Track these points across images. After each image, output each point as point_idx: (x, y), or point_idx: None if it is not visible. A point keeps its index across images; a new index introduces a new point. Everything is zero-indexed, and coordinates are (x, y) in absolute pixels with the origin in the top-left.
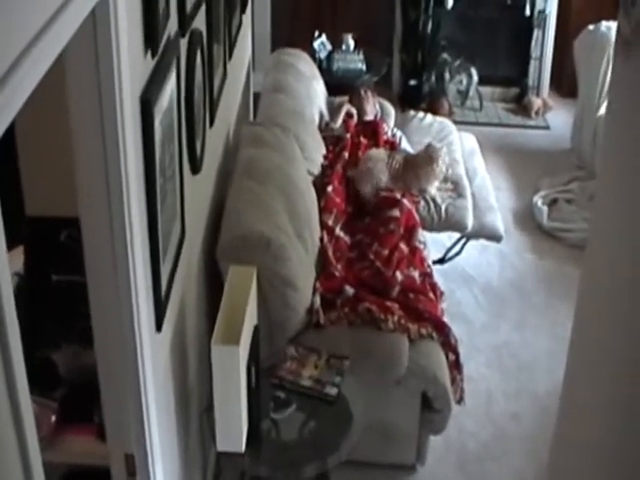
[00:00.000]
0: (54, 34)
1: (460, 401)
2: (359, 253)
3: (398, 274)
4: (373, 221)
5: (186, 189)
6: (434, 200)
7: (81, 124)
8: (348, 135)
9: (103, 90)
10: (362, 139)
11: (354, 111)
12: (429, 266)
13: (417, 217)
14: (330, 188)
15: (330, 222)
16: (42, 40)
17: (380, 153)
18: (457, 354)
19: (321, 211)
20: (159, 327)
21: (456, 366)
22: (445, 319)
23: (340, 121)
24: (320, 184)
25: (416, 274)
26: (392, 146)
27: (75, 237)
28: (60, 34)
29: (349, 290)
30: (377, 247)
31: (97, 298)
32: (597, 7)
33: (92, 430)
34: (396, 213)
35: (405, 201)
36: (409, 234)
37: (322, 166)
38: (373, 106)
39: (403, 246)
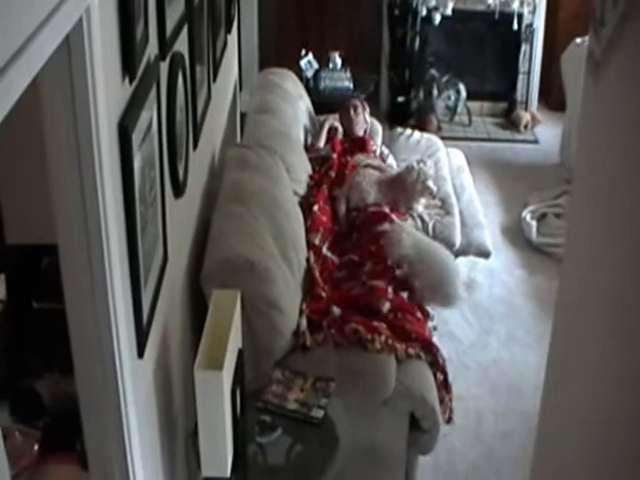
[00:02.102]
0: (26, 60)
1: (449, 421)
2: (348, 273)
3: (390, 290)
4: (362, 238)
5: (168, 213)
6: (421, 217)
7: (57, 151)
8: (335, 155)
9: (79, 117)
10: (349, 158)
11: (337, 125)
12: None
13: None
14: (316, 207)
15: (317, 242)
16: (13, 66)
17: (369, 169)
18: (445, 374)
19: (307, 231)
20: (141, 354)
21: (444, 386)
22: (433, 338)
23: (323, 140)
24: (306, 204)
25: (405, 294)
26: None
27: (57, 264)
28: (33, 60)
29: (336, 311)
30: (370, 266)
31: (76, 325)
32: (584, 21)
33: (75, 459)
34: (386, 227)
35: (394, 215)
36: None
37: (308, 186)
38: (363, 120)
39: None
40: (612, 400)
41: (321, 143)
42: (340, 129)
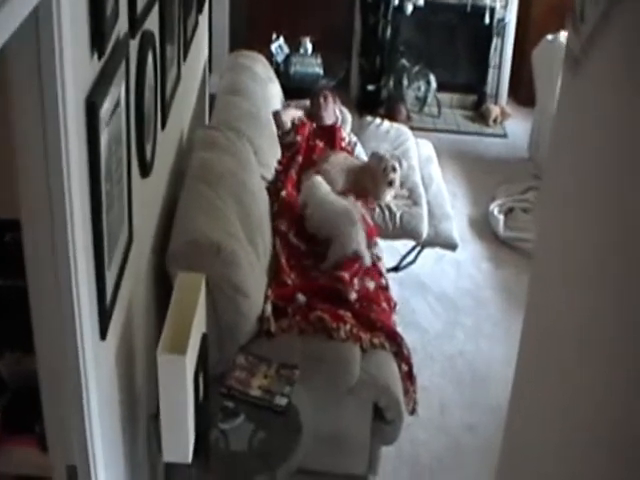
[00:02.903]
0: None
1: (413, 412)
2: (313, 261)
3: (355, 280)
4: None
5: (134, 193)
6: (389, 208)
7: (22, 126)
8: (299, 138)
9: (45, 91)
10: (318, 142)
11: (299, 114)
12: (385, 279)
13: (370, 221)
14: (284, 193)
15: (283, 228)
16: None
17: (339, 157)
18: (410, 365)
19: (274, 216)
20: (103, 335)
21: (409, 377)
22: (398, 329)
23: (288, 123)
24: (274, 189)
25: (372, 285)
26: (348, 153)
27: (20, 240)
28: None
29: (301, 298)
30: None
31: (38, 303)
32: (556, 17)
33: (34, 441)
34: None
35: (358, 204)
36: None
37: (276, 171)
38: (333, 112)
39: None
40: (584, 394)
41: (286, 126)
42: (305, 121)
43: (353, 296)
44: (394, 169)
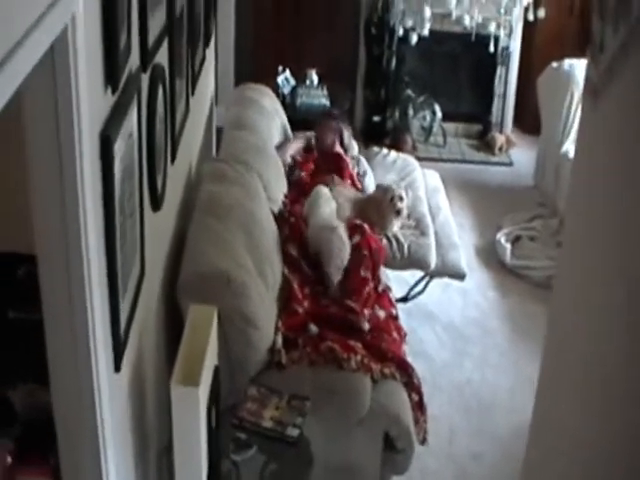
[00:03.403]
0: (12, 69)
1: (424, 442)
2: (323, 288)
3: (366, 311)
4: None
5: (146, 226)
6: (397, 238)
7: (38, 160)
8: (303, 174)
9: (61, 126)
10: (324, 176)
11: (299, 145)
12: (395, 308)
13: (379, 241)
14: (293, 219)
15: (294, 253)
16: None
17: (344, 189)
18: (421, 394)
19: (284, 241)
20: (118, 367)
21: (419, 407)
22: (408, 359)
23: (288, 159)
24: (281, 218)
25: (382, 314)
26: (353, 180)
27: (34, 274)
28: (18, 70)
29: (313, 328)
30: (344, 283)
31: (54, 337)
32: (560, 45)
33: (47, 472)
34: (357, 239)
35: (365, 225)
36: (374, 263)
37: (283, 204)
38: (337, 132)
39: (370, 284)
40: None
41: (286, 159)
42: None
43: (366, 326)
44: (401, 198)
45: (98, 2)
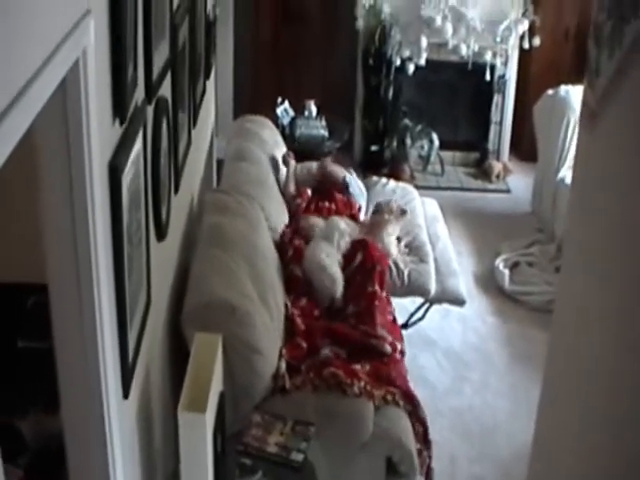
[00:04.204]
0: (25, 104)
1: (426, 478)
2: (329, 315)
3: (385, 333)
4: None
5: (152, 255)
6: (397, 265)
7: (50, 191)
8: (298, 201)
9: (72, 157)
10: (326, 204)
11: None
12: (401, 334)
13: (380, 249)
14: (297, 242)
15: (299, 273)
16: (14, 110)
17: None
18: (426, 428)
19: (288, 263)
20: (126, 394)
21: (424, 440)
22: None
23: (292, 184)
24: (283, 242)
25: (389, 339)
26: (347, 205)
27: (42, 303)
28: (34, 101)
29: (326, 353)
30: (353, 308)
31: (64, 365)
32: (556, 72)
33: None
34: (359, 257)
35: (366, 238)
36: (381, 272)
37: (284, 233)
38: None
39: (382, 294)
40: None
41: (291, 187)
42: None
43: (388, 349)
44: (402, 211)
45: (107, 36)
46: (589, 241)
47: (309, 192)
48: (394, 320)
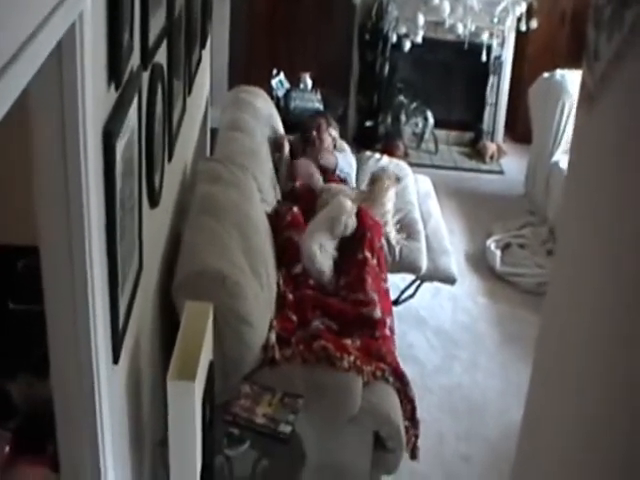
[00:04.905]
0: (23, 64)
1: (413, 456)
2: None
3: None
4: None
5: (144, 222)
6: (389, 241)
7: (43, 155)
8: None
9: (66, 120)
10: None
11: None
12: (391, 314)
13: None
14: (296, 210)
15: (297, 239)
16: (10, 70)
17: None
18: (414, 408)
19: (285, 228)
20: (116, 359)
21: (412, 419)
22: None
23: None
24: (278, 212)
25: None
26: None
27: (32, 266)
28: (29, 64)
29: (317, 325)
30: (344, 279)
31: (55, 328)
32: (552, 55)
33: (46, 461)
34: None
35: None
36: (372, 240)
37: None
38: (331, 141)
39: (372, 261)
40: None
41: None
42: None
43: (378, 313)
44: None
45: (104, 0)
46: (584, 224)
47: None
48: (386, 292)
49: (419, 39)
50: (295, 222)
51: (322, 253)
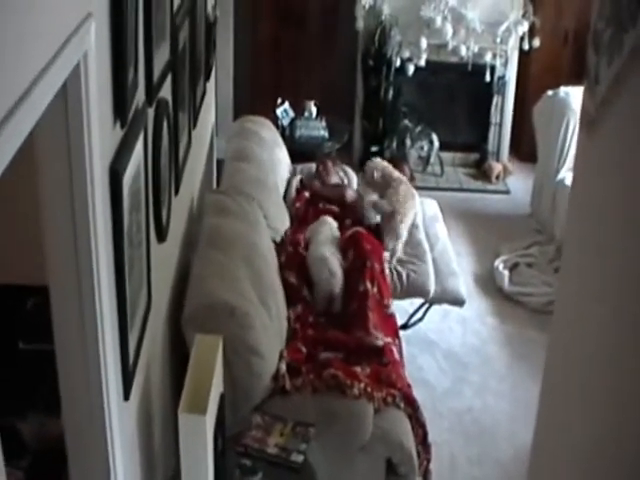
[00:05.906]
0: (30, 105)
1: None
2: (326, 319)
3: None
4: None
5: (152, 257)
6: (396, 269)
7: (51, 194)
8: (297, 204)
9: (73, 160)
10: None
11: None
12: (398, 337)
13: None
14: (291, 248)
15: (293, 280)
16: (17, 114)
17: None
18: (425, 432)
19: (282, 268)
20: (127, 396)
21: (423, 443)
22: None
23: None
24: (280, 246)
25: (388, 340)
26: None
27: (42, 305)
28: (35, 105)
29: (325, 355)
30: (346, 311)
31: (65, 367)
32: (555, 73)
33: None
34: (351, 253)
35: (359, 229)
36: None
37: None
38: (337, 175)
39: (373, 290)
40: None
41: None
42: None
43: (380, 342)
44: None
45: (108, 38)
46: (588, 243)
47: (307, 194)
48: (391, 316)
49: (422, 62)
50: (290, 262)
51: (331, 255)
